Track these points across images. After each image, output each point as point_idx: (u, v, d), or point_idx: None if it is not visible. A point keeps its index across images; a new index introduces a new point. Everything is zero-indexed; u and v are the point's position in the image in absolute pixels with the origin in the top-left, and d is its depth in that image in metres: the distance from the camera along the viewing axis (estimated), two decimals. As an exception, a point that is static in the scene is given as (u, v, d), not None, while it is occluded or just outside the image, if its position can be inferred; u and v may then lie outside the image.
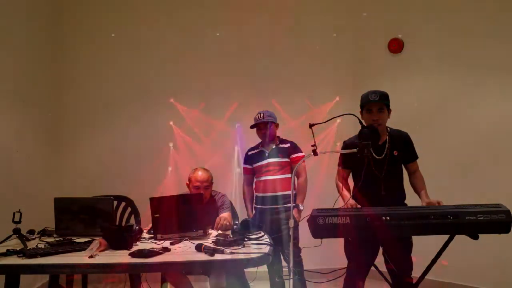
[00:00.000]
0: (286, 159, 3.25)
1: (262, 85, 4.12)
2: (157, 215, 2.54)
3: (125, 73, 4.06)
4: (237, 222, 3.00)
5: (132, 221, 3.19)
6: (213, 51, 4.10)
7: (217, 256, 2.12)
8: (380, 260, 2.55)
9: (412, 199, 2.59)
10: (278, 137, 3.38)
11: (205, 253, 2.15)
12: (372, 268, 2.57)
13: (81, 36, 4.08)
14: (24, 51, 3.50)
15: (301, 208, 2.98)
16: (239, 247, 2.25)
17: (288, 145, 3.31)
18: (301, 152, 3.30)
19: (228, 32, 4.12)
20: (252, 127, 3.38)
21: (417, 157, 2.63)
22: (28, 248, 2.27)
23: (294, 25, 4.16)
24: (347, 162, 2.67)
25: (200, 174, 3.00)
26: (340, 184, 2.68)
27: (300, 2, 4.20)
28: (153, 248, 2.25)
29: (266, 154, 3.29)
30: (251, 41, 4.15)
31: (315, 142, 2.34)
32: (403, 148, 2.57)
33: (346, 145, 2.65)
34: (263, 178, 3.26)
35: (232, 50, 4.12)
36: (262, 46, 4.15)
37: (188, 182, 3.07)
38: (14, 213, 2.47)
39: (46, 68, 3.88)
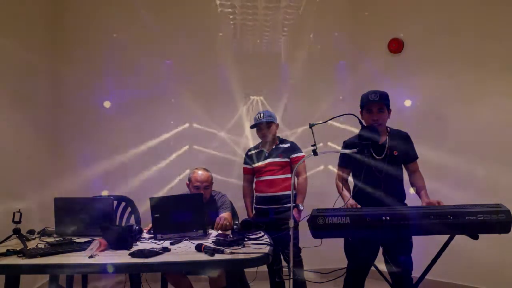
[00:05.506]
0: (286, 159, 3.25)
1: (261, 84, 4.12)
2: (157, 215, 2.54)
3: (126, 72, 4.05)
4: (237, 222, 3.00)
5: (132, 221, 3.19)
6: (214, 50, 4.10)
7: (217, 256, 2.13)
8: (380, 260, 2.55)
9: (412, 199, 2.59)
10: (278, 137, 3.38)
11: (205, 253, 2.15)
12: (372, 268, 2.57)
13: (81, 35, 4.07)
14: (24, 51, 3.49)
15: (301, 208, 2.98)
16: (239, 247, 2.25)
17: (288, 145, 3.31)
18: (301, 152, 3.30)
19: (230, 32, 4.12)
20: (252, 127, 3.39)
21: (417, 157, 2.63)
22: (28, 248, 2.27)
23: (294, 24, 4.15)
24: (347, 162, 2.67)
25: (200, 174, 3.00)
26: (340, 184, 2.68)
27: (301, 2, 4.19)
28: (153, 248, 2.25)
29: (266, 154, 3.29)
30: (251, 40, 4.14)
31: (315, 142, 2.34)
32: (403, 148, 2.58)
33: (346, 145, 2.66)
34: (263, 178, 3.26)
35: (233, 49, 4.11)
36: (262, 46, 4.15)
37: (188, 182, 3.07)
38: (14, 213, 2.47)
39: (46, 68, 3.88)
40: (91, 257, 2.12)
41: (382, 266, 2.56)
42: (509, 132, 3.34)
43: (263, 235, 2.50)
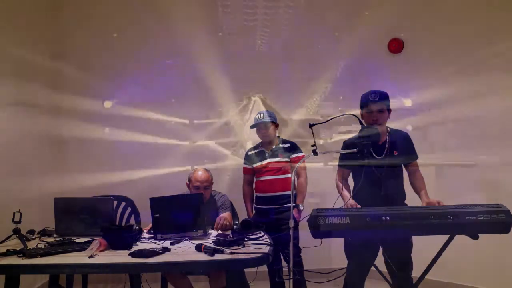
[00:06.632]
0: (286, 159, 3.25)
1: (261, 84, 4.12)
2: (157, 215, 2.54)
3: (126, 72, 4.05)
4: (237, 222, 3.00)
5: (132, 221, 3.19)
6: (214, 50, 4.09)
7: (217, 256, 2.13)
8: (380, 260, 2.55)
9: (412, 199, 2.59)
10: (279, 137, 3.38)
11: (205, 253, 2.15)
12: (372, 268, 2.57)
13: (82, 35, 4.07)
14: (24, 51, 3.49)
15: (301, 208, 2.98)
16: (239, 247, 2.25)
17: (288, 145, 3.31)
18: (301, 152, 3.30)
19: (230, 32, 4.12)
20: (252, 127, 3.39)
21: (417, 157, 2.63)
22: (28, 248, 2.27)
23: (294, 24, 4.15)
24: (347, 162, 2.67)
25: (200, 174, 3.00)
26: (340, 184, 2.68)
27: (301, 2, 4.19)
28: (153, 248, 2.25)
29: (266, 154, 3.29)
30: (251, 41, 4.14)
31: (315, 142, 2.34)
32: (403, 148, 2.58)
33: (346, 145, 2.66)
34: (263, 178, 3.26)
35: (234, 50, 4.10)
36: (262, 46, 4.15)
37: (188, 182, 3.07)
38: (14, 213, 2.47)
39: (46, 68, 3.88)
40: (91, 257, 2.12)
41: (382, 266, 2.56)
42: (510, 132, 3.34)
43: (263, 235, 2.50)
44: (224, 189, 3.29)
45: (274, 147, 3.30)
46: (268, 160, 3.26)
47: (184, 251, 2.27)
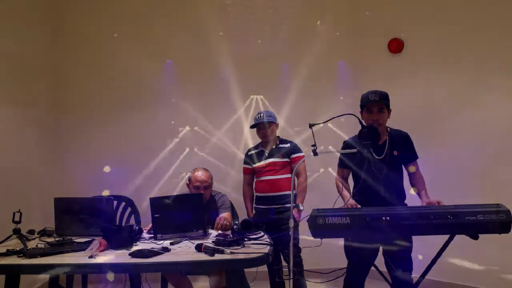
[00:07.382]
0: (286, 159, 3.25)
1: (261, 84, 4.12)
2: (157, 215, 2.54)
3: (126, 72, 4.05)
4: (237, 222, 3.00)
5: (132, 221, 3.19)
6: (215, 50, 4.09)
7: (217, 256, 2.13)
8: (380, 260, 2.55)
9: (412, 199, 2.59)
10: (278, 137, 3.38)
11: (205, 253, 2.15)
12: (372, 268, 2.57)
13: (82, 35, 4.07)
14: (24, 50, 3.50)
15: (301, 208, 2.98)
16: (239, 247, 2.26)
17: (288, 145, 3.31)
18: (301, 152, 3.30)
19: (231, 32, 4.12)
20: (252, 127, 3.39)
21: (417, 157, 2.63)
22: (28, 248, 2.27)
23: (295, 24, 4.16)
24: (347, 162, 2.67)
25: (200, 174, 3.00)
26: (340, 184, 2.68)
27: (301, 2, 4.20)
28: (153, 248, 2.25)
29: (266, 154, 3.29)
30: (251, 41, 4.15)
31: (315, 142, 2.34)
32: (403, 148, 2.58)
33: (346, 145, 2.66)
34: (263, 178, 3.26)
35: (234, 50, 4.10)
36: (262, 46, 4.15)
37: (188, 182, 3.07)
38: (14, 213, 2.47)
39: (46, 67, 3.88)
40: (91, 257, 2.12)
41: (382, 266, 2.56)
42: (509, 132, 3.34)
43: (263, 235, 2.50)
44: (223, 189, 3.29)
45: (274, 147, 3.30)
46: (268, 160, 3.26)
47: (184, 251, 2.27)
